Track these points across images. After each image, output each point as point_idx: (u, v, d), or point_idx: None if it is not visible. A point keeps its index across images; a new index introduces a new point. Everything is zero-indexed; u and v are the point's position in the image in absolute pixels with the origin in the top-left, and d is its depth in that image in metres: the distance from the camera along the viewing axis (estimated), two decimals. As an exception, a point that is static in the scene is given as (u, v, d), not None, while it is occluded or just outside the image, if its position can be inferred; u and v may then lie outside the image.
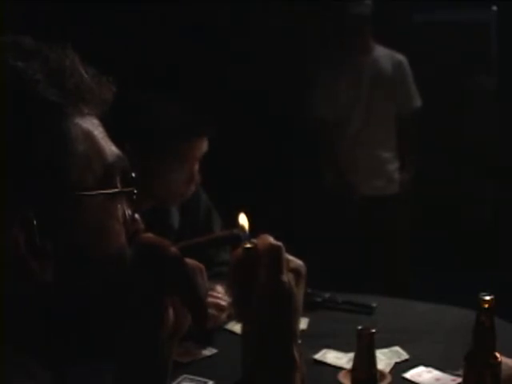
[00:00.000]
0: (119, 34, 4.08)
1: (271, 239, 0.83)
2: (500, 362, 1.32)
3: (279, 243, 0.82)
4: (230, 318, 1.96)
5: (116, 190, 0.75)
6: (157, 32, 4.31)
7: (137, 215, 0.79)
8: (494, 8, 4.99)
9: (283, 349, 0.81)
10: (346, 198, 3.67)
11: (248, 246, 0.83)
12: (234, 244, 0.85)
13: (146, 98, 1.95)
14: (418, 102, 3.73)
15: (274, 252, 0.81)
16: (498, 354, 1.32)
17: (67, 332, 0.73)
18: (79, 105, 0.73)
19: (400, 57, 3.71)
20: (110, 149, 0.76)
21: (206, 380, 1.66)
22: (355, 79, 3.65)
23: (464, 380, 1.39)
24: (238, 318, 0.93)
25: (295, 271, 0.83)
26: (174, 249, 0.77)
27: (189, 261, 0.78)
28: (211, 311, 1.84)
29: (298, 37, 4.59)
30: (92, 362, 0.77)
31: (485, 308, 1.28)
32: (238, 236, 0.85)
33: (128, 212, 0.78)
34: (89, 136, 0.73)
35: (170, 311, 0.77)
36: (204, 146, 1.94)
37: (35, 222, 0.68)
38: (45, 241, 0.69)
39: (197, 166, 1.97)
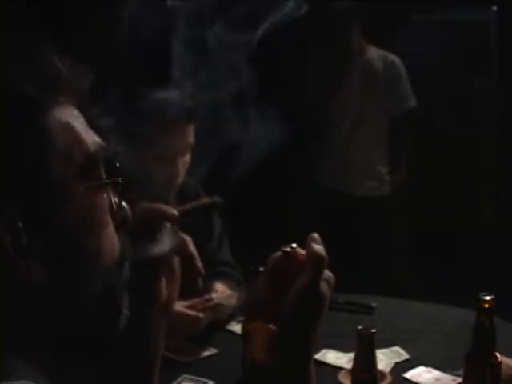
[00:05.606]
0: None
1: (318, 247, 0.84)
2: (500, 362, 1.32)
3: (325, 255, 0.84)
4: (229, 319, 1.95)
5: (100, 181, 0.75)
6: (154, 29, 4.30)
7: (124, 203, 0.79)
8: (494, 8, 4.98)
9: (303, 348, 0.87)
10: (341, 197, 3.67)
11: (287, 249, 0.86)
12: (213, 209, 1.12)
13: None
14: (411, 103, 3.69)
15: (319, 262, 0.84)
16: (498, 354, 1.32)
17: (62, 330, 0.72)
18: (57, 97, 0.72)
19: (393, 57, 3.68)
20: (92, 138, 0.75)
21: (205, 380, 1.66)
22: (347, 80, 3.63)
23: (464, 380, 1.39)
24: (265, 316, 0.94)
25: (326, 281, 0.86)
26: (173, 210, 0.90)
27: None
28: (196, 313, 1.82)
29: (297, 36, 4.58)
30: (90, 362, 0.77)
31: (485, 308, 1.28)
32: (217, 203, 1.03)
33: (115, 200, 0.77)
34: (68, 127, 0.72)
35: (163, 282, 0.85)
36: (185, 136, 1.84)
37: (20, 223, 0.67)
38: (31, 240, 0.68)
39: (185, 158, 1.88)
